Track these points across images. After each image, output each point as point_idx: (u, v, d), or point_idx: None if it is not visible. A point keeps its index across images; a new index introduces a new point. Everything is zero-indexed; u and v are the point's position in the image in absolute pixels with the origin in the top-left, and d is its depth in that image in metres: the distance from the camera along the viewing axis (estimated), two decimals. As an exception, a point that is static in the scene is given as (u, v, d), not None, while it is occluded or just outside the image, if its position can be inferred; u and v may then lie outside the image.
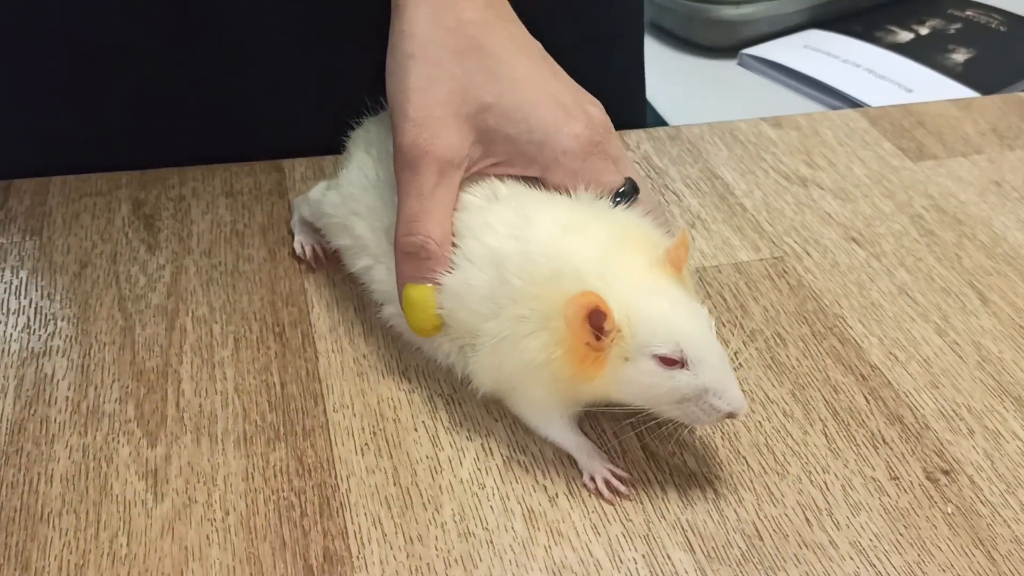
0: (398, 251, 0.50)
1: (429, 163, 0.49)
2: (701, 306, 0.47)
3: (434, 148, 0.49)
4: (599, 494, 0.48)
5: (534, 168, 0.51)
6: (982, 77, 1.14)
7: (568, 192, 0.50)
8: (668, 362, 0.45)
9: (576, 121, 0.50)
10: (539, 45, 0.53)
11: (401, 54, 0.51)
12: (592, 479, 0.48)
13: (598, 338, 0.45)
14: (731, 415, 0.45)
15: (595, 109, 0.52)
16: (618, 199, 0.51)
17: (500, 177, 0.51)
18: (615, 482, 0.48)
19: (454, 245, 0.50)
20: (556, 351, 0.45)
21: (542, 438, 0.50)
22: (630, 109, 0.83)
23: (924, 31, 1.24)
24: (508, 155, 0.51)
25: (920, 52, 1.19)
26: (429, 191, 0.50)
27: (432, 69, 0.50)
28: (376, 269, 0.54)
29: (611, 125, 0.52)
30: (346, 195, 0.56)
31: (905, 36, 1.23)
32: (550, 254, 0.47)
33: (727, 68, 1.22)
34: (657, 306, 0.45)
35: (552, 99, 0.51)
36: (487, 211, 0.50)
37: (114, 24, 0.68)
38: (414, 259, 0.50)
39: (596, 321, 0.45)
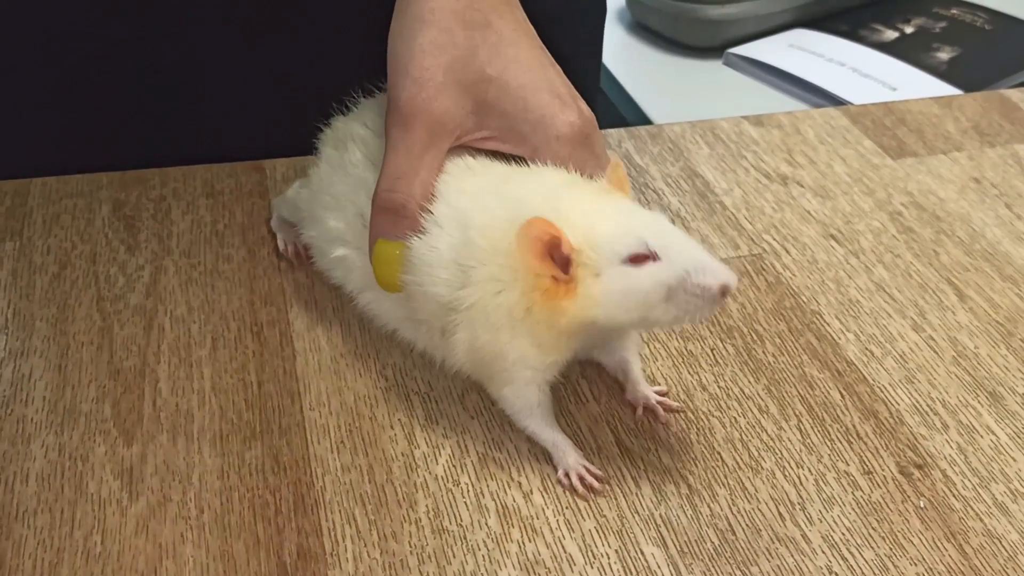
0: (376, 205, 0.50)
1: (423, 122, 0.50)
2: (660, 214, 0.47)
3: (431, 109, 0.50)
4: (573, 490, 0.48)
5: (525, 148, 0.51)
6: (967, 75, 1.14)
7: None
8: (639, 260, 0.44)
9: (571, 110, 0.51)
10: (539, 38, 0.54)
11: (411, 17, 0.51)
12: (567, 475, 0.49)
13: (564, 269, 0.45)
14: (724, 288, 0.44)
15: (586, 106, 0.53)
16: None
17: (483, 151, 0.52)
18: (589, 478, 0.48)
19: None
20: (530, 299, 0.45)
21: (519, 432, 0.51)
22: None
23: (909, 30, 1.25)
24: (501, 131, 0.51)
25: (905, 51, 1.19)
26: (419, 151, 0.50)
27: (440, 35, 0.50)
28: (351, 258, 0.54)
29: (597, 124, 0.53)
30: (316, 189, 0.56)
31: (890, 35, 1.23)
32: (505, 204, 0.47)
33: (713, 68, 1.22)
34: (611, 216, 0.45)
35: (551, 86, 0.51)
36: (458, 178, 0.50)
37: (90, 25, 0.68)
38: (391, 215, 0.49)
39: (554, 251, 0.44)
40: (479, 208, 0.48)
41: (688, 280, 0.43)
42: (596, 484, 0.48)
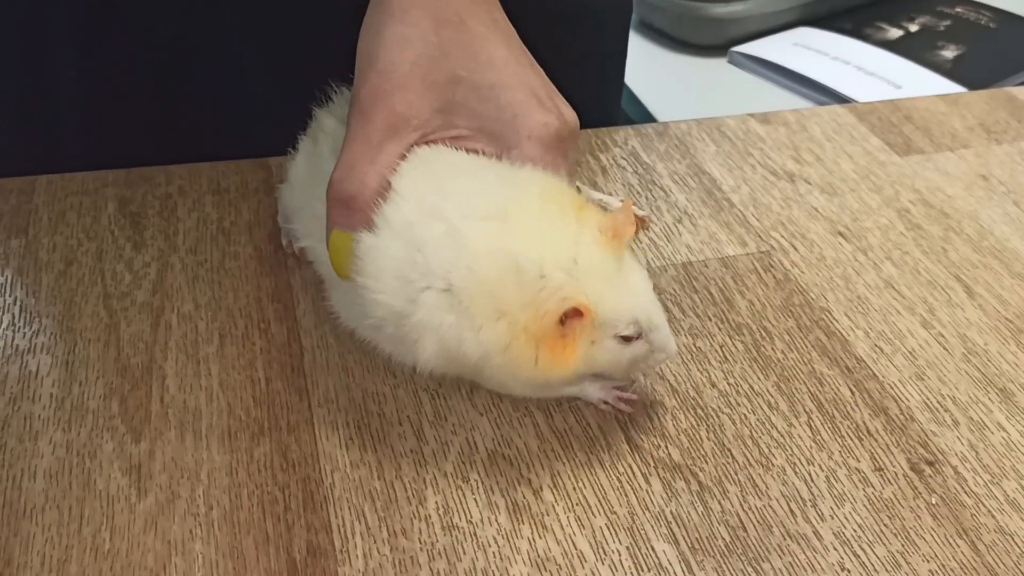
0: (330, 195, 0.49)
1: (383, 113, 0.49)
2: (641, 268, 0.49)
3: (392, 101, 0.49)
4: (616, 410, 0.52)
5: (497, 146, 0.50)
6: (971, 73, 1.14)
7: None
8: (627, 339, 0.47)
9: (548, 112, 0.50)
10: (518, 38, 0.53)
11: (381, 11, 0.50)
12: (604, 402, 0.51)
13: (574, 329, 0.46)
14: (667, 358, 0.49)
15: (568, 110, 0.51)
16: None
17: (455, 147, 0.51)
18: (625, 395, 0.51)
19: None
20: (518, 343, 0.46)
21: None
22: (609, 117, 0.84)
23: (914, 28, 1.25)
24: (471, 130, 0.50)
25: (910, 49, 1.19)
26: (376, 141, 0.49)
27: (409, 30, 0.50)
28: (317, 249, 0.54)
29: (578, 132, 0.52)
30: (291, 182, 0.58)
31: (895, 33, 1.23)
32: (493, 250, 0.46)
33: (717, 66, 1.22)
34: (619, 292, 0.46)
35: (527, 87, 0.50)
36: (415, 176, 0.49)
37: (94, 24, 0.68)
38: (344, 206, 0.49)
39: (571, 317, 0.45)
40: (445, 236, 0.47)
41: (652, 356, 0.49)
42: (633, 397, 0.51)
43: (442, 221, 0.47)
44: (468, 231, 0.46)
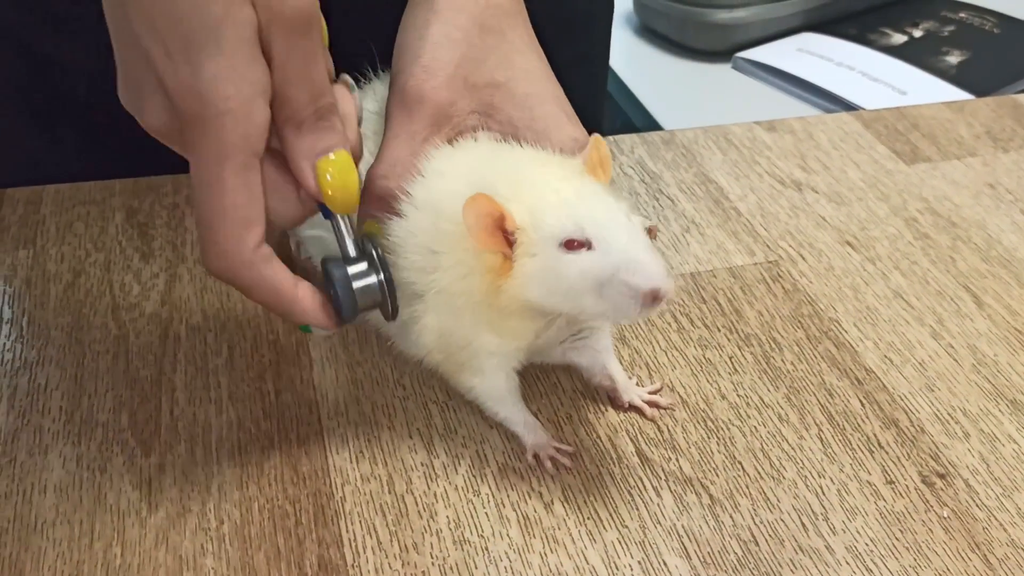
0: (369, 189, 0.48)
1: (428, 110, 0.49)
2: (620, 200, 0.45)
3: (438, 98, 0.49)
4: (541, 468, 0.49)
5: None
6: (976, 79, 1.14)
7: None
8: (572, 246, 0.43)
9: (576, 128, 0.51)
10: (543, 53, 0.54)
11: (426, 9, 0.51)
12: (535, 456, 0.50)
13: (508, 239, 0.44)
14: (654, 294, 0.42)
15: (584, 129, 0.53)
16: None
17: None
18: (560, 457, 0.49)
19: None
20: (469, 266, 0.45)
21: (492, 417, 0.51)
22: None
23: (918, 33, 1.25)
24: (503, 134, 0.51)
25: (914, 54, 1.19)
26: (421, 138, 0.49)
27: (454, 31, 0.50)
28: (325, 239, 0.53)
29: None
30: None
31: (899, 39, 1.23)
32: (472, 188, 0.45)
33: (721, 72, 1.22)
34: (557, 195, 0.44)
35: (557, 101, 0.52)
36: (440, 159, 0.49)
37: (102, 30, 0.67)
38: (382, 203, 0.48)
39: (503, 228, 0.44)
40: (449, 193, 0.46)
41: (616, 276, 0.42)
42: (567, 461, 0.49)
43: (455, 197, 0.46)
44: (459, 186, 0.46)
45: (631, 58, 1.24)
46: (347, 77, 0.49)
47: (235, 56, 0.40)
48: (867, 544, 0.46)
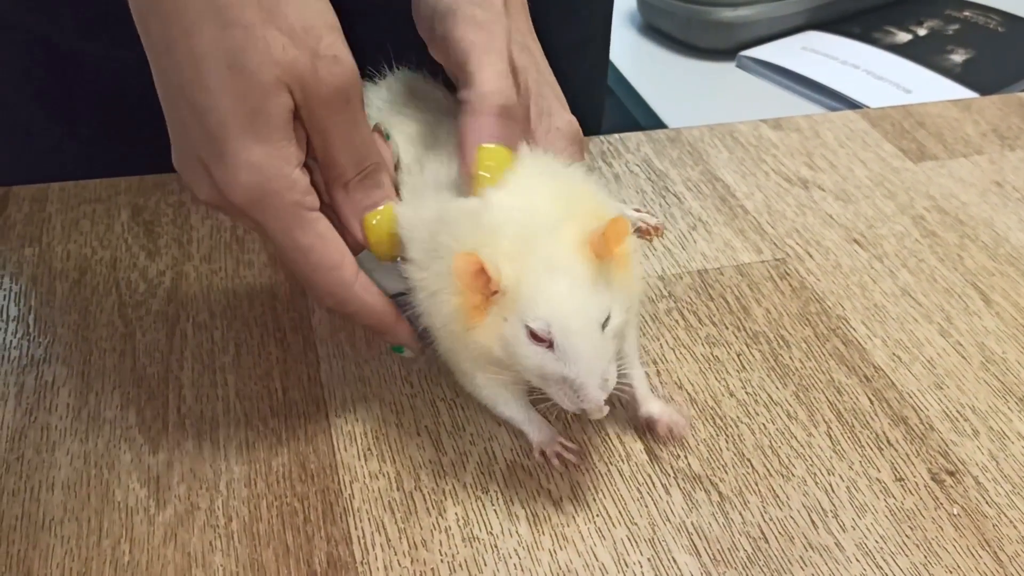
0: (486, 111, 0.48)
1: (504, 28, 0.50)
2: (604, 295, 0.45)
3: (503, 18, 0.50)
4: (548, 466, 0.49)
5: (527, 135, 0.52)
6: (981, 77, 1.14)
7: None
8: (536, 338, 0.44)
9: (570, 113, 0.54)
10: None
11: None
12: (542, 453, 0.49)
13: (489, 293, 0.44)
14: (584, 412, 0.44)
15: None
16: None
17: None
18: (566, 454, 0.49)
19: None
20: (453, 292, 0.45)
21: (498, 415, 0.51)
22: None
23: (922, 32, 1.24)
24: None
25: (918, 53, 1.19)
26: (507, 56, 0.50)
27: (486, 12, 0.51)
28: None
29: None
30: None
31: (903, 37, 1.23)
32: (486, 215, 0.46)
33: (725, 70, 1.22)
34: (546, 281, 0.44)
35: (555, 89, 0.54)
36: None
37: (109, 29, 0.67)
38: (504, 123, 0.48)
39: (485, 280, 0.44)
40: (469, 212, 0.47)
41: (563, 384, 0.44)
42: (573, 458, 0.49)
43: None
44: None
45: (635, 56, 1.24)
46: (380, 126, 0.51)
47: (270, 143, 0.44)
48: (877, 541, 0.46)
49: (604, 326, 0.44)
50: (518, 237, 0.45)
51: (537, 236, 0.45)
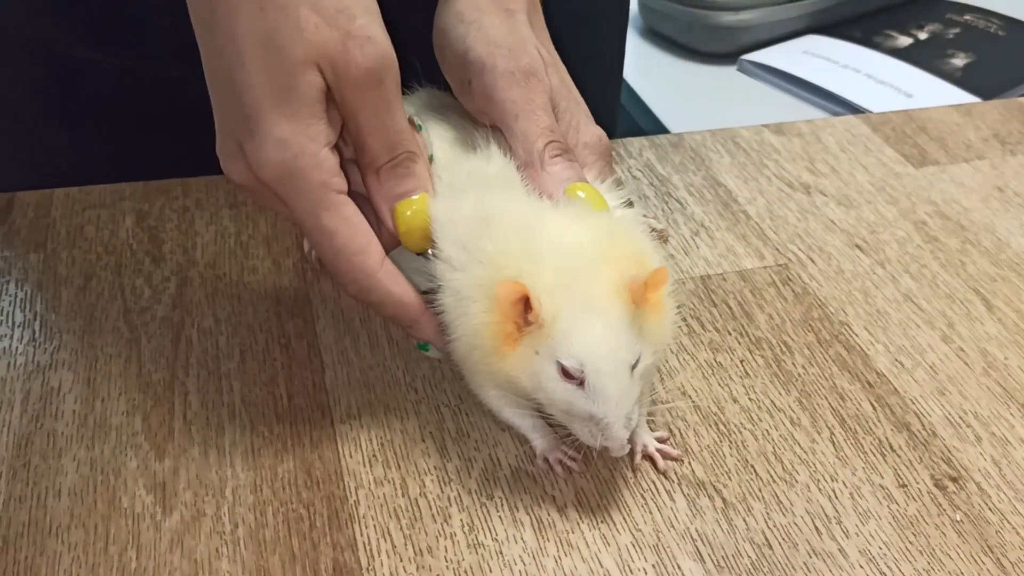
0: (546, 155, 0.50)
1: (543, 86, 0.51)
2: (636, 339, 0.45)
3: (539, 72, 0.51)
4: (551, 473, 0.49)
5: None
6: (982, 82, 1.14)
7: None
8: (567, 375, 0.44)
9: (596, 126, 0.54)
10: None
11: (470, 7, 0.53)
12: (544, 459, 0.50)
13: (525, 323, 0.45)
14: (605, 449, 0.45)
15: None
16: None
17: None
18: (568, 462, 0.49)
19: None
20: (487, 314, 0.45)
21: (502, 421, 0.51)
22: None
23: (923, 36, 1.25)
24: None
25: (919, 57, 1.19)
26: (548, 111, 0.51)
27: (498, 22, 0.52)
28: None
29: None
30: None
31: (904, 41, 1.23)
32: (533, 235, 0.47)
33: (727, 74, 1.22)
34: (583, 321, 0.44)
35: (582, 103, 0.55)
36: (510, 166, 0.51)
37: (112, 36, 0.68)
38: (566, 166, 0.50)
39: (524, 309, 0.45)
40: (507, 214, 0.48)
41: (588, 422, 0.45)
42: (574, 465, 0.49)
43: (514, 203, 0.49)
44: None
45: (636, 60, 1.24)
46: (414, 118, 0.51)
47: (298, 120, 0.44)
48: (880, 548, 0.47)
49: (634, 368, 0.45)
50: (560, 270, 0.45)
51: (579, 274, 0.45)
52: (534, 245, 0.46)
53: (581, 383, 0.44)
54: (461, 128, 0.54)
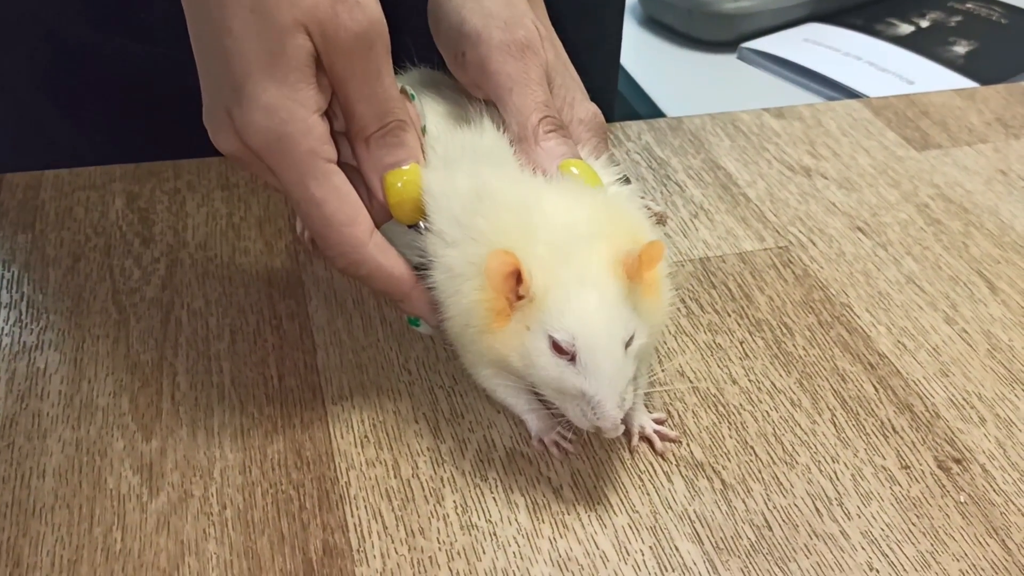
0: (534, 134, 0.49)
1: (538, 58, 0.50)
2: (631, 315, 0.44)
3: (536, 45, 0.51)
4: (547, 454, 0.48)
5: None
6: (984, 69, 1.13)
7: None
8: (559, 349, 0.43)
9: (593, 104, 0.53)
10: None
11: None
12: (540, 441, 0.48)
13: (516, 297, 0.44)
14: (598, 429, 0.44)
15: None
16: None
17: None
18: (564, 443, 0.48)
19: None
20: (479, 296, 0.44)
21: (496, 401, 0.50)
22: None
23: (924, 24, 1.24)
24: None
25: (921, 44, 1.18)
26: (544, 86, 0.50)
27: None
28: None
29: None
30: None
31: (906, 29, 1.22)
32: (527, 211, 0.46)
33: (726, 62, 1.21)
34: (575, 295, 0.43)
35: (577, 81, 0.54)
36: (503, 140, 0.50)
37: (105, 18, 0.67)
38: (560, 140, 0.49)
39: (516, 283, 0.44)
40: (502, 191, 0.47)
41: (579, 400, 0.44)
42: (570, 447, 0.48)
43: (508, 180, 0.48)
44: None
45: (636, 49, 1.23)
46: (406, 88, 0.50)
47: (287, 84, 0.43)
48: (883, 529, 0.46)
49: (628, 346, 0.44)
50: (554, 245, 0.44)
51: (572, 248, 0.44)
52: (528, 222, 0.45)
53: (573, 358, 0.43)
54: (454, 102, 0.53)
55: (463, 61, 0.51)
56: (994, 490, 0.48)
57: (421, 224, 0.48)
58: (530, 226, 0.45)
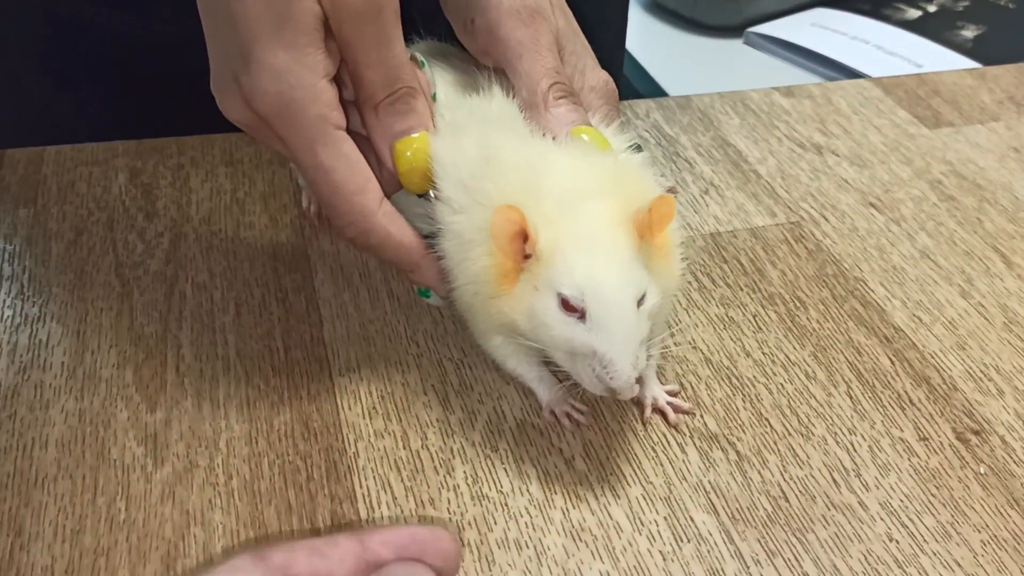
0: (546, 100, 0.48)
1: (548, 25, 0.50)
2: (641, 273, 0.43)
3: (545, 11, 0.50)
4: (558, 425, 0.48)
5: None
6: (992, 53, 1.12)
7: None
8: (568, 307, 0.42)
9: (605, 72, 0.53)
10: None
11: None
12: (551, 412, 0.48)
13: (523, 257, 0.43)
14: (612, 391, 0.42)
15: None
16: None
17: None
18: (576, 414, 0.47)
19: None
20: (488, 261, 0.44)
21: (507, 372, 0.49)
22: None
23: (932, 8, 1.23)
24: None
25: (929, 28, 1.17)
26: (554, 52, 0.50)
27: None
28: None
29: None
30: None
31: (913, 13, 1.21)
32: (534, 171, 0.45)
33: (733, 47, 1.20)
34: (585, 252, 0.42)
35: (588, 45, 0.53)
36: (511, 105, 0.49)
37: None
38: (571, 107, 0.48)
39: (522, 242, 0.43)
40: (511, 154, 0.46)
41: (590, 360, 0.42)
42: (582, 419, 0.47)
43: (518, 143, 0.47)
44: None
45: (643, 34, 1.22)
46: (416, 55, 0.49)
47: (295, 48, 0.42)
48: (902, 500, 0.45)
49: (639, 304, 0.42)
50: (561, 202, 0.43)
51: (580, 205, 0.43)
52: (535, 182, 0.44)
53: (582, 315, 0.41)
54: (463, 71, 0.52)
55: (472, 28, 0.50)
56: (1014, 461, 0.47)
57: (430, 192, 0.47)
58: (537, 186, 0.44)
